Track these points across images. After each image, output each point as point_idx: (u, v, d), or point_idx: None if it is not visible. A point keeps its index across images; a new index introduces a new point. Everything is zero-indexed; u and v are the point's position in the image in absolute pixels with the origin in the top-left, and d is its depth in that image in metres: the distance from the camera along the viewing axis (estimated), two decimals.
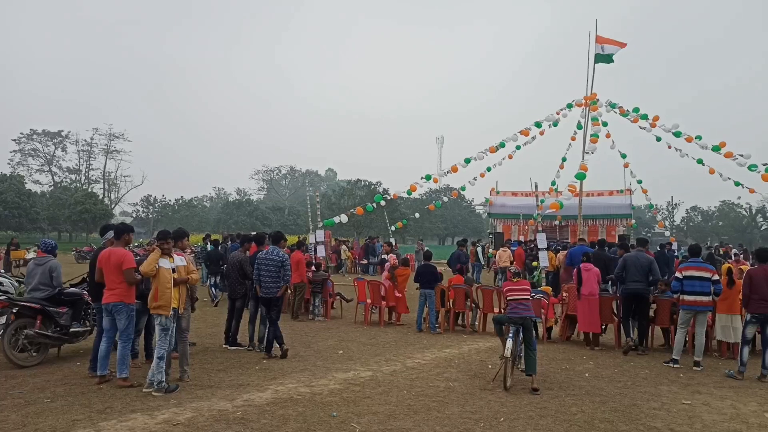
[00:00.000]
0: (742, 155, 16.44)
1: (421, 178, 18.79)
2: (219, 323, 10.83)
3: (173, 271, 6.77)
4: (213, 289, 14.99)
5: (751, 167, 16.07)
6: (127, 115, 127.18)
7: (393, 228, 26.03)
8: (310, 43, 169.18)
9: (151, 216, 76.65)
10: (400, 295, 12.40)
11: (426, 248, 19.00)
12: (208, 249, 17.21)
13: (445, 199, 27.77)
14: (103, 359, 6.94)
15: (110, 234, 7.48)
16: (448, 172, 19.45)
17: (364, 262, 26.30)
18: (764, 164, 15.71)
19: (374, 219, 45.90)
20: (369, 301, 12.29)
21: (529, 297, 7.69)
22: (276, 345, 8.61)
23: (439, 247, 57.54)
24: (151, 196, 78.54)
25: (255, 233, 10.59)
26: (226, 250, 15.32)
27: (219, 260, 14.89)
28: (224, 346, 9.31)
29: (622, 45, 19.52)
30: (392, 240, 27.94)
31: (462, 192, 27.72)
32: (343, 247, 27.92)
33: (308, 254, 15.87)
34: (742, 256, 19.73)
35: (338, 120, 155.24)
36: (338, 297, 13.61)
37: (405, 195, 20.89)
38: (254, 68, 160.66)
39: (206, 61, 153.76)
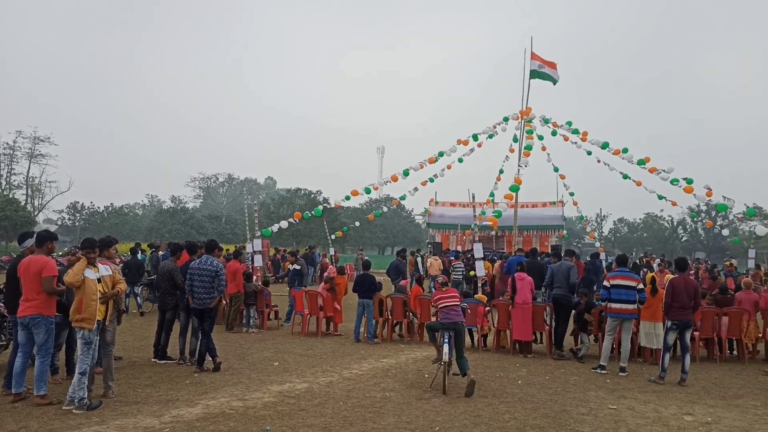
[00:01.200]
0: (665, 170, 17.41)
1: (362, 189, 18.80)
2: (148, 336, 10.41)
3: (98, 281, 6.45)
4: (136, 298, 14.50)
5: (673, 181, 17.03)
6: (53, 118, 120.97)
7: (332, 237, 25.90)
8: (253, 50, 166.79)
9: (77, 224, 73.03)
10: (339, 307, 12.31)
11: (365, 258, 19.00)
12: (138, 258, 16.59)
13: (385, 208, 27.88)
14: (18, 376, 6.51)
15: (30, 242, 7.05)
16: (387, 182, 19.57)
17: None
18: (685, 178, 16.65)
19: (314, 228, 45.59)
20: (306, 311, 12.14)
21: (458, 303, 7.98)
22: (208, 358, 8.35)
23: (379, 257, 57.72)
24: (78, 202, 74.72)
25: (187, 241, 10.24)
26: (158, 260, 14.81)
27: (138, 269, 14.45)
28: (153, 359, 8.94)
29: (553, 66, 20.30)
30: (332, 249, 27.83)
31: (402, 202, 27.99)
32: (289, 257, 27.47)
33: (245, 264, 15.53)
34: (664, 265, 20.84)
35: (279, 128, 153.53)
36: (275, 309, 13.39)
37: (345, 202, 20.81)
38: (192, 73, 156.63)
39: (140, 65, 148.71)
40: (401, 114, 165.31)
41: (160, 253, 16.87)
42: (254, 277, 13.65)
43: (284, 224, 17.32)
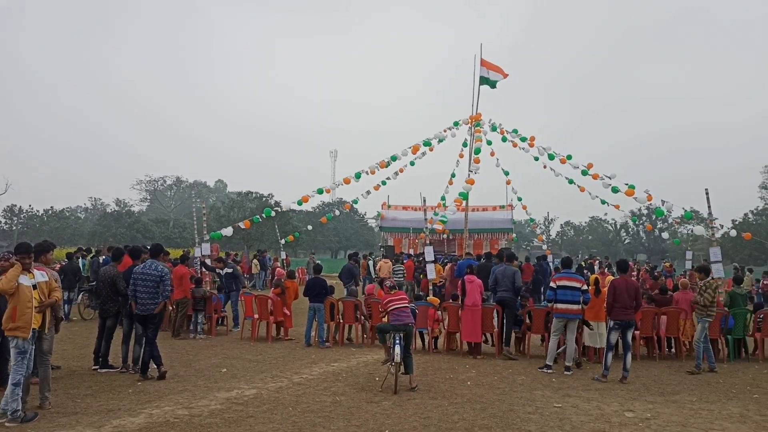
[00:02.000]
0: (608, 176, 18.06)
1: (313, 191, 18.70)
2: (88, 344, 10.00)
3: (34, 288, 6.17)
4: (71, 304, 13.95)
5: (614, 189, 17.69)
6: None
7: (283, 241, 25.60)
8: (203, 50, 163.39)
9: (15, 228, 69.65)
10: (288, 312, 12.16)
11: (317, 261, 18.89)
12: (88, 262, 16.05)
13: (338, 212, 27.75)
14: None
15: None
16: (339, 185, 19.54)
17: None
18: (626, 184, 17.29)
19: (265, 232, 44.96)
20: (256, 316, 11.95)
21: (408, 305, 8.19)
22: (153, 366, 8.10)
23: (331, 261, 57.46)
24: (15, 206, 71.37)
25: (130, 246, 9.92)
26: (99, 265, 14.30)
27: (75, 274, 13.95)
28: (94, 368, 8.61)
29: (504, 74, 20.66)
30: (283, 253, 27.52)
31: (354, 205, 27.93)
32: (255, 261, 27.01)
33: (193, 268, 15.18)
34: (606, 267, 21.57)
35: (230, 131, 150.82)
36: (224, 315, 13.14)
37: (296, 206, 20.65)
38: (139, 73, 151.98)
39: (84, 63, 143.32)
40: (356, 118, 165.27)
41: (101, 258, 16.31)
42: (204, 282, 13.35)
43: (229, 231, 17.02)
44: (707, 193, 14.00)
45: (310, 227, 31.06)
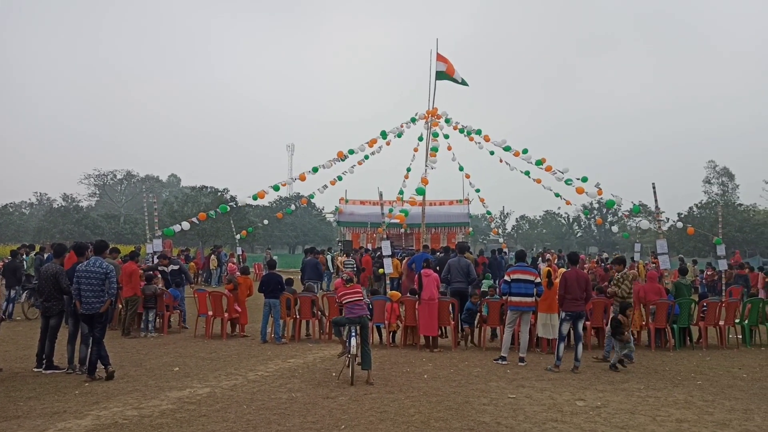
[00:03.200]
0: (560, 170, 18.46)
1: (269, 186, 18.41)
2: (32, 344, 9.59)
3: None
4: (7, 304, 13.35)
5: (567, 182, 18.10)
6: None
7: (239, 236, 25.18)
8: (156, 41, 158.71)
9: None
10: (240, 308, 11.96)
11: (272, 256, 18.66)
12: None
13: (294, 207, 27.49)
14: None
15: None
16: (295, 179, 19.34)
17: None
18: (578, 178, 17.75)
19: (220, 227, 44.16)
20: (210, 313, 11.72)
21: (362, 298, 8.35)
22: (100, 366, 7.83)
23: (290, 256, 56.99)
24: None
25: (75, 242, 9.55)
26: (42, 262, 13.75)
27: (15, 272, 13.41)
28: (36, 369, 8.26)
29: (452, 71, 20.65)
30: (239, 249, 27.09)
31: (312, 200, 27.72)
32: (213, 257, 26.43)
33: (145, 264, 14.76)
34: (556, 259, 22.18)
35: (183, 124, 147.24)
36: (178, 312, 12.85)
37: (252, 201, 20.32)
38: (84, 63, 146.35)
39: (25, 51, 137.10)
40: (313, 111, 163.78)
41: (45, 255, 15.69)
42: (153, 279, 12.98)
43: (186, 225, 16.62)
44: (654, 188, 14.43)
45: (266, 222, 30.58)
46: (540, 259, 21.48)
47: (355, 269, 18.53)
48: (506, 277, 9.69)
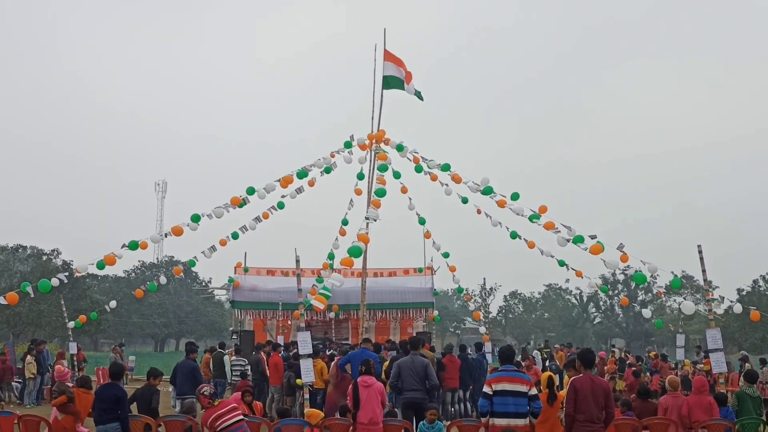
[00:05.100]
0: (566, 226, 17.98)
1: (123, 246, 17.97)
2: None
3: None
4: None
5: (576, 240, 17.83)
6: None
7: (72, 324, 24.26)
8: None
9: None
10: None
11: (117, 359, 18.05)
12: None
13: (164, 279, 26.84)
14: None
15: None
16: (166, 235, 18.96)
17: None
18: (591, 236, 17.31)
19: (44, 311, 42.81)
20: None
21: (243, 419, 8.75)
22: None
23: (155, 355, 55.46)
24: None
25: None
26: None
27: None
28: None
29: (408, 73, 20.65)
30: (73, 345, 26.06)
31: (192, 268, 27.13)
32: (29, 358, 25.23)
33: None
34: (531, 362, 22.38)
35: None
36: None
37: (97, 270, 19.74)
38: None
39: None
40: (191, 134, 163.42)
41: None
42: None
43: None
44: (700, 252, 14.16)
45: (113, 303, 29.18)
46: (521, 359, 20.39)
47: (251, 378, 17.98)
48: (486, 389, 9.62)
